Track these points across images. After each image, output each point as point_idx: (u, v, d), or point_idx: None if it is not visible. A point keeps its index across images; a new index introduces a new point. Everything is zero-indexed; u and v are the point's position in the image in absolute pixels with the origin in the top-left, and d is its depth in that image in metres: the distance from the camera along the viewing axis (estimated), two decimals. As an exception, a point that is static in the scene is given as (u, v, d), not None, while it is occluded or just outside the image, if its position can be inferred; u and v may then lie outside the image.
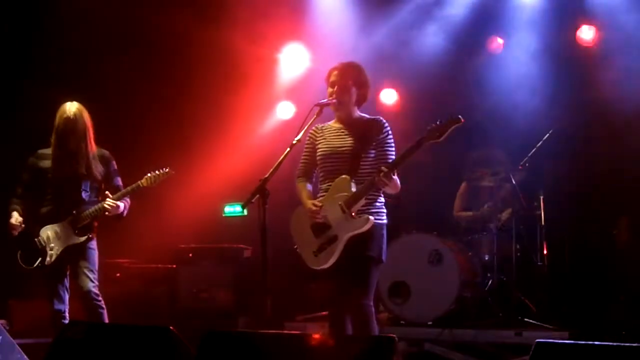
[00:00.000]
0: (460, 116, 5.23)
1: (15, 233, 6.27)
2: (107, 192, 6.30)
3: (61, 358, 4.54)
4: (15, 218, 6.25)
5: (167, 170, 6.39)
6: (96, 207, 6.29)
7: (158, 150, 10.04)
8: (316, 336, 4.12)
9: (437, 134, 5.22)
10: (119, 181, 6.51)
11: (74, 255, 6.29)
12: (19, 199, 6.38)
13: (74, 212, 6.28)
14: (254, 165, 7.67)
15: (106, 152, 6.49)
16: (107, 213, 6.26)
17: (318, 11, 9.72)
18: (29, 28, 9.74)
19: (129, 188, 6.35)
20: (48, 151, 6.38)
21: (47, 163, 6.34)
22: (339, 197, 5.42)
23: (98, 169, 6.37)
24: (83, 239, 6.29)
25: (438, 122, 5.24)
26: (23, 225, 6.25)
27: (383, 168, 5.23)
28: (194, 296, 9.35)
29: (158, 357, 4.27)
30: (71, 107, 6.27)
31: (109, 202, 6.21)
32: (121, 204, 6.32)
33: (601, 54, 8.60)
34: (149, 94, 10.10)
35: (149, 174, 6.35)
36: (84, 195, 6.33)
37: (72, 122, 6.23)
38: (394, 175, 5.23)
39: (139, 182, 6.34)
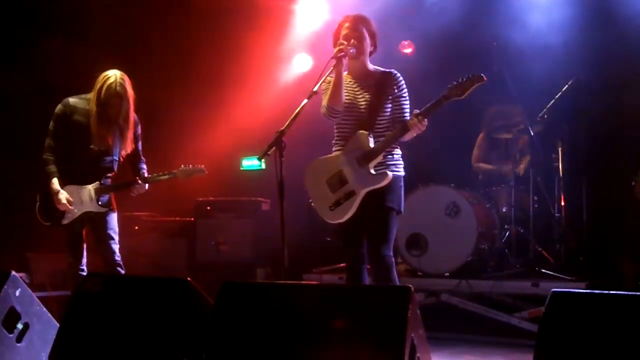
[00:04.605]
0: (482, 74, 5.22)
1: (62, 208, 6.19)
2: (137, 179, 6.28)
3: (81, 310, 4.61)
4: (63, 195, 6.16)
5: (202, 167, 6.39)
6: (122, 184, 6.32)
7: (176, 105, 10.06)
8: (333, 286, 4.15)
9: (459, 92, 5.22)
10: (140, 145, 6.49)
11: (93, 218, 6.29)
12: (51, 153, 6.23)
13: (101, 181, 6.27)
14: (273, 118, 7.65)
15: (134, 116, 6.39)
16: (131, 194, 6.31)
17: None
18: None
19: (161, 176, 6.34)
20: (80, 103, 6.25)
21: (81, 118, 6.22)
22: (357, 152, 5.42)
23: (132, 139, 6.33)
24: (104, 210, 6.27)
25: (460, 80, 5.23)
26: (69, 204, 6.20)
27: (416, 111, 5.24)
28: (212, 249, 9.42)
29: (176, 308, 4.31)
30: (117, 80, 6.10)
31: (135, 190, 6.26)
32: (146, 186, 6.33)
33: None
34: (164, 47, 10.09)
35: (182, 166, 6.35)
36: (113, 164, 6.33)
37: (119, 98, 6.10)
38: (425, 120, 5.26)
39: (173, 172, 6.33)
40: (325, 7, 9.77)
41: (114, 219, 6.36)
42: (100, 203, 6.25)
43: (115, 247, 6.26)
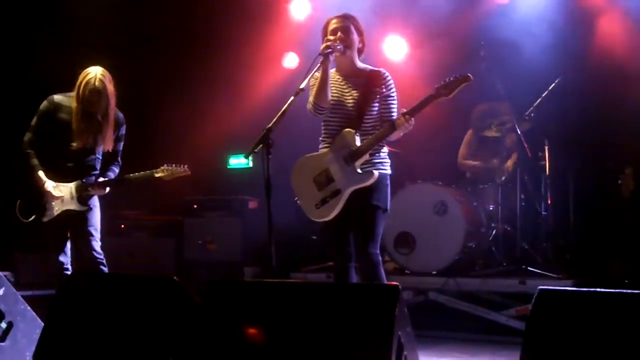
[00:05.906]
0: (469, 74, 5.23)
1: (51, 199, 6.10)
2: (98, 181, 6.20)
3: (65, 307, 4.57)
4: (49, 184, 6.08)
5: (185, 167, 6.29)
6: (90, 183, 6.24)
7: (162, 103, 10.03)
8: (321, 285, 4.14)
9: (447, 92, 5.23)
10: (120, 146, 6.38)
11: (74, 216, 6.20)
12: (32, 148, 6.13)
13: (83, 180, 6.19)
14: (260, 115, 7.63)
15: (121, 116, 6.31)
16: (90, 192, 6.20)
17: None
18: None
19: (142, 176, 6.26)
20: (65, 101, 6.17)
21: (65, 116, 6.13)
22: (343, 150, 5.41)
23: (112, 137, 6.24)
24: (84, 208, 6.18)
25: (447, 80, 5.25)
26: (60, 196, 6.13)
27: (403, 110, 5.25)
28: (199, 247, 9.40)
29: (162, 306, 4.29)
30: (97, 76, 6.01)
31: (94, 190, 6.19)
32: (107, 189, 6.22)
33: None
34: (152, 45, 10.07)
35: (165, 166, 6.24)
36: (96, 163, 6.26)
37: (98, 94, 6.00)
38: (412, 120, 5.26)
39: (153, 172, 6.24)
40: (314, 6, 9.75)
41: (95, 216, 6.27)
42: (79, 201, 6.18)
43: (96, 244, 6.18)
